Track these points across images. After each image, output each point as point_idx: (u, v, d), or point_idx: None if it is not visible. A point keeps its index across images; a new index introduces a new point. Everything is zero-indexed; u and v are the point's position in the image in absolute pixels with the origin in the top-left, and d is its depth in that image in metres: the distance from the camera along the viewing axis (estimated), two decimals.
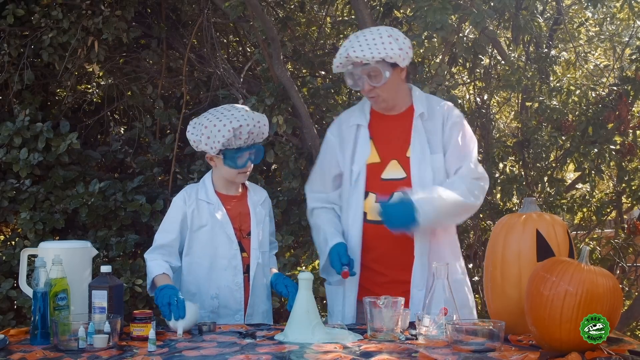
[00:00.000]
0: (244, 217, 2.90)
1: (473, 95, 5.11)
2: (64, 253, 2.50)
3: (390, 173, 2.80)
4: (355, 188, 2.81)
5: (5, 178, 4.15)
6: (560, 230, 2.36)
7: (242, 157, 2.83)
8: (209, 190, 2.90)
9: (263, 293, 2.90)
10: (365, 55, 2.68)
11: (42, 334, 2.33)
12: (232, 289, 2.83)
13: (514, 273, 2.32)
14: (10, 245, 4.20)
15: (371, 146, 2.83)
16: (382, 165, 2.81)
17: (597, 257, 4.69)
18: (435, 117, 2.83)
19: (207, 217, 2.85)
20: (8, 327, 3.51)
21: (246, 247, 2.87)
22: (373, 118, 2.88)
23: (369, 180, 2.80)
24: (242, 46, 5.38)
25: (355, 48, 2.69)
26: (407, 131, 2.81)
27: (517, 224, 2.39)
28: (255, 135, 2.82)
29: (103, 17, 4.16)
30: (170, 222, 2.86)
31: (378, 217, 2.66)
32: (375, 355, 2.07)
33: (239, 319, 2.81)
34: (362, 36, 2.75)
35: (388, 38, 2.72)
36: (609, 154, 4.34)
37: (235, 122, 2.76)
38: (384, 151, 2.82)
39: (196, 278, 2.85)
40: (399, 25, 4.69)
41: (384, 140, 2.84)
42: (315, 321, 2.37)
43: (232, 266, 2.83)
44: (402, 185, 2.74)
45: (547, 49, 4.78)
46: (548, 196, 4.51)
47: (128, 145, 4.54)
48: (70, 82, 4.43)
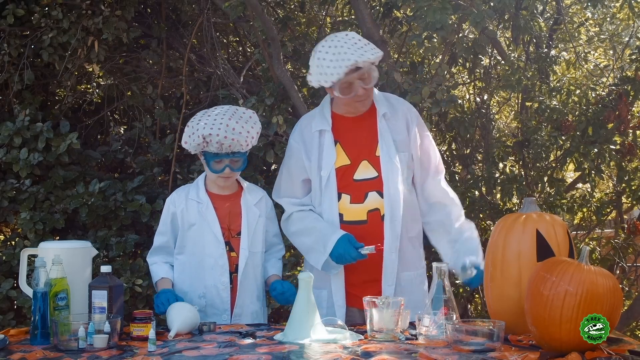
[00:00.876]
0: (234, 216, 2.90)
1: (473, 95, 5.11)
2: (64, 253, 2.50)
3: (362, 173, 2.86)
4: (327, 192, 2.85)
5: (5, 178, 4.15)
6: (560, 230, 2.36)
7: (219, 162, 2.83)
8: (200, 190, 2.92)
9: (253, 294, 2.89)
10: (370, 58, 2.71)
11: (42, 334, 2.33)
12: (218, 289, 2.84)
13: (514, 273, 2.33)
14: (10, 245, 4.20)
15: (338, 149, 2.87)
16: (353, 167, 2.86)
17: (597, 257, 4.69)
18: (397, 116, 2.91)
19: (195, 216, 2.88)
20: (8, 327, 3.51)
21: (236, 247, 2.87)
22: (335, 121, 2.91)
23: (341, 182, 2.85)
24: (242, 46, 5.38)
25: (356, 54, 2.69)
26: (373, 131, 2.88)
27: (517, 224, 2.39)
28: (229, 146, 2.77)
29: (103, 17, 4.16)
30: (163, 223, 2.95)
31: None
32: (375, 355, 2.08)
33: (225, 319, 2.82)
34: (343, 43, 2.73)
35: (364, 40, 2.80)
36: (609, 154, 4.34)
37: (206, 130, 2.75)
38: (353, 153, 2.87)
39: (187, 277, 2.88)
40: (399, 25, 4.69)
41: (351, 142, 2.88)
42: (315, 321, 2.38)
43: (219, 265, 2.84)
44: (374, 184, 2.83)
45: (547, 49, 4.78)
46: (548, 196, 4.51)
47: (128, 145, 4.53)
48: (70, 82, 4.42)
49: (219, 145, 2.76)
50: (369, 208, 2.83)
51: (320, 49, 2.77)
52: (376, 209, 2.83)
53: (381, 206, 2.82)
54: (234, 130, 2.76)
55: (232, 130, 2.76)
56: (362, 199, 2.83)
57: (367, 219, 2.83)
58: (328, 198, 2.85)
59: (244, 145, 2.80)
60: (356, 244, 2.73)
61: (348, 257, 2.73)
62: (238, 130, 2.77)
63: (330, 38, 2.79)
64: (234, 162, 2.84)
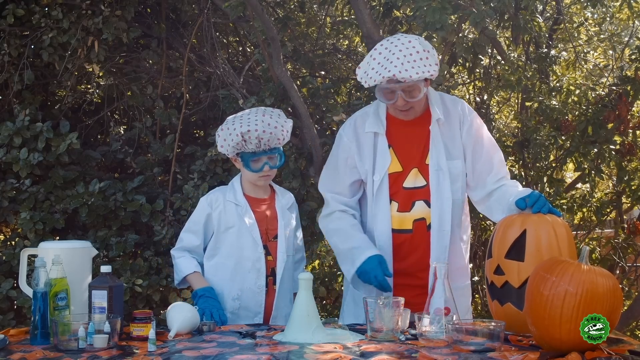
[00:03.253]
0: (271, 220, 2.91)
1: (473, 95, 5.11)
2: (64, 253, 2.50)
3: (412, 182, 2.79)
4: (379, 197, 2.79)
5: (5, 178, 4.15)
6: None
7: (257, 161, 2.83)
8: (238, 193, 2.91)
9: (287, 297, 2.90)
10: (412, 77, 2.60)
11: (42, 334, 2.33)
12: (254, 292, 2.84)
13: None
14: (10, 245, 4.20)
15: (391, 154, 2.80)
16: (404, 174, 2.79)
17: (597, 257, 4.69)
18: (451, 121, 2.82)
19: (234, 218, 2.87)
20: (8, 327, 3.50)
21: (272, 250, 2.88)
22: (390, 124, 2.83)
23: (391, 189, 2.79)
24: (242, 46, 5.38)
25: (399, 68, 2.59)
26: (426, 138, 2.80)
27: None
28: (267, 141, 2.78)
29: (103, 17, 4.16)
30: (195, 222, 2.92)
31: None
32: (375, 355, 2.07)
33: (257, 321, 2.82)
34: (397, 51, 2.63)
35: (424, 53, 2.64)
36: (608, 153, 4.34)
37: (244, 127, 2.76)
38: (405, 159, 2.80)
39: (220, 279, 2.87)
40: (399, 25, 4.69)
41: (403, 148, 2.81)
42: (315, 321, 2.37)
43: (256, 269, 2.85)
44: (422, 193, 2.77)
45: (547, 48, 4.78)
46: (548, 196, 4.51)
47: (128, 145, 4.53)
48: (70, 82, 4.42)
49: (258, 141, 2.77)
50: (415, 217, 2.77)
51: (377, 47, 2.70)
52: (422, 218, 2.77)
53: (427, 216, 2.76)
54: (269, 125, 2.78)
55: (268, 125, 2.78)
56: (409, 207, 2.77)
57: (413, 228, 2.77)
58: (381, 204, 2.79)
59: (281, 140, 2.82)
60: (386, 270, 2.68)
61: (372, 277, 2.67)
62: (273, 124, 2.79)
63: (391, 40, 2.69)
64: (272, 159, 2.84)
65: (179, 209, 4.17)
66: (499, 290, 2.40)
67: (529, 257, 2.33)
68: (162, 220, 4.17)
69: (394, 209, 2.78)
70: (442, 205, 2.75)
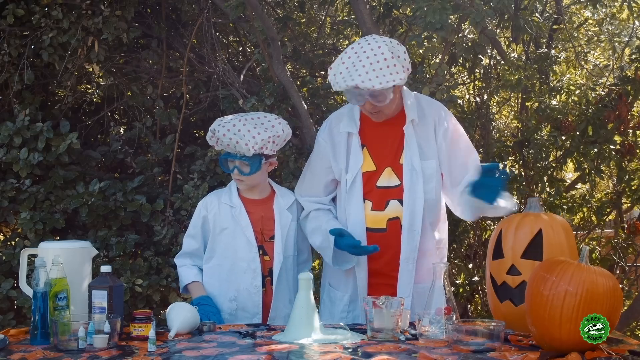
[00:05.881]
0: (267, 220, 2.92)
1: (473, 95, 5.11)
2: (64, 253, 2.50)
3: (386, 181, 2.82)
4: (352, 195, 2.82)
5: (5, 178, 4.15)
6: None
7: (229, 162, 2.88)
8: (233, 194, 2.94)
9: (286, 297, 2.91)
10: (375, 87, 2.60)
11: (42, 334, 2.33)
12: (250, 292, 2.85)
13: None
14: (10, 245, 4.20)
15: (365, 154, 2.84)
16: (377, 173, 2.83)
17: (597, 257, 4.68)
18: (426, 121, 2.84)
19: (228, 220, 2.90)
20: (8, 327, 3.50)
21: (269, 250, 2.88)
22: (364, 124, 2.87)
23: (364, 188, 2.82)
24: (242, 46, 5.38)
25: (363, 77, 2.59)
26: (400, 138, 2.83)
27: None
28: (226, 145, 2.82)
29: (103, 17, 4.15)
30: (194, 226, 2.97)
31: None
32: (375, 356, 2.08)
33: (256, 322, 2.82)
34: (364, 58, 2.63)
35: (392, 60, 2.63)
36: (608, 153, 4.33)
37: (216, 125, 2.85)
38: (378, 159, 2.84)
39: (217, 280, 2.89)
40: (399, 25, 4.69)
41: (377, 147, 2.84)
42: (315, 321, 2.38)
43: (251, 269, 2.86)
44: (396, 192, 2.79)
45: (547, 48, 4.78)
46: (548, 196, 4.51)
47: (128, 145, 4.53)
48: (70, 82, 4.42)
49: (221, 142, 2.83)
50: (389, 216, 2.80)
51: (348, 50, 2.71)
52: (396, 217, 2.79)
53: (401, 215, 2.78)
54: (239, 132, 2.80)
55: (237, 132, 2.80)
56: (384, 206, 2.80)
57: (387, 227, 2.79)
58: (354, 202, 2.82)
59: (245, 148, 2.80)
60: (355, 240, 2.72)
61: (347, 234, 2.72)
62: (243, 132, 2.79)
63: (362, 44, 2.69)
64: (243, 166, 2.86)
65: (179, 209, 4.17)
66: (512, 291, 2.38)
67: (548, 256, 2.31)
68: (162, 220, 4.17)
69: (367, 207, 2.81)
70: (414, 204, 2.77)
